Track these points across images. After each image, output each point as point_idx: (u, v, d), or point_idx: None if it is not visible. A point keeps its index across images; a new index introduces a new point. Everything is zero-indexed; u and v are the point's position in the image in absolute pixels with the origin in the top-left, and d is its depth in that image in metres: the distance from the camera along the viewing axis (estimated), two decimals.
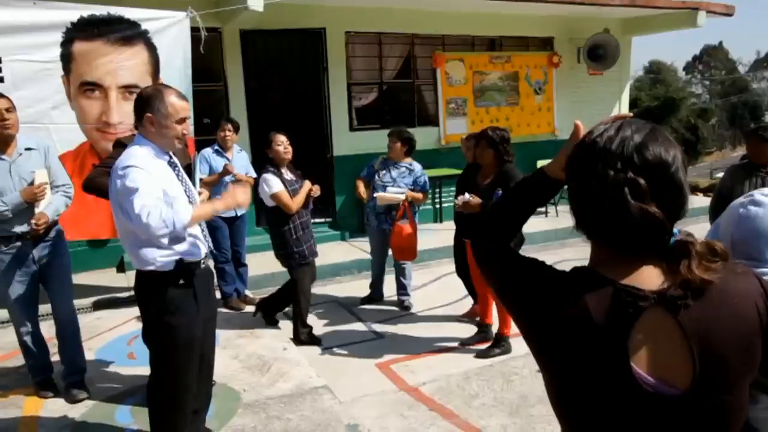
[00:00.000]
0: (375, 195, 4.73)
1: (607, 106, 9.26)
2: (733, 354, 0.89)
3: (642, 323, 0.89)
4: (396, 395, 3.67)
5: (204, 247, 2.60)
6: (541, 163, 1.27)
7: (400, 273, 5.17)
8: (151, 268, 2.43)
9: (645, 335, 0.89)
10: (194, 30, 5.13)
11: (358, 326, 4.85)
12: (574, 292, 0.92)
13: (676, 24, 8.49)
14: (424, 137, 7.44)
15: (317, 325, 4.76)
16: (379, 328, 4.80)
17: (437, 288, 5.82)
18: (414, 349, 4.37)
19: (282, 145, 4.21)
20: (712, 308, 0.89)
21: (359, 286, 5.63)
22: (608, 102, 9.26)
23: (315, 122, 7.28)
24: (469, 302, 5.16)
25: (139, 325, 4.69)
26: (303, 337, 4.41)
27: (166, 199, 2.36)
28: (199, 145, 5.32)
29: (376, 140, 7.34)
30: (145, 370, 3.81)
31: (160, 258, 2.41)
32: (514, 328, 4.29)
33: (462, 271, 4.84)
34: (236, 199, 2.56)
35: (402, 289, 5.22)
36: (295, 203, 4.21)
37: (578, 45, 8.68)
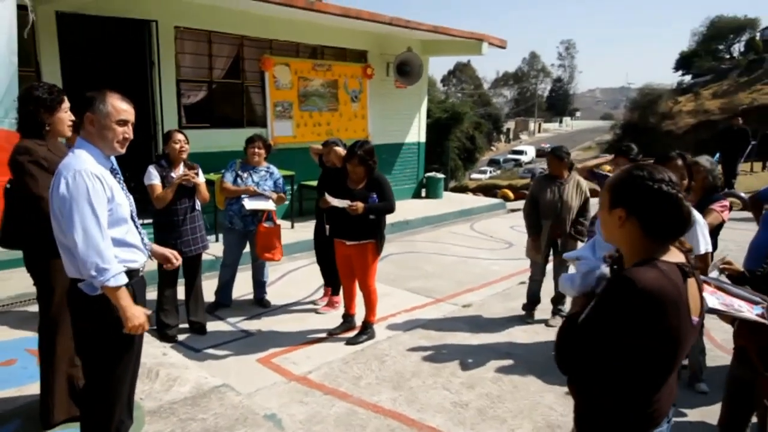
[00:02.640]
0: (244, 202, 4.84)
1: (410, 117, 10.43)
2: None
3: (687, 285, 1.55)
4: (288, 385, 3.93)
5: (144, 255, 2.59)
6: None
7: (258, 272, 5.35)
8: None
9: (690, 292, 1.54)
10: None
11: (224, 326, 4.91)
12: (675, 283, 1.52)
13: (465, 50, 9.98)
14: None
15: (183, 325, 4.70)
16: (245, 326, 4.94)
17: (285, 284, 6.10)
18: (286, 342, 4.63)
19: (179, 143, 4.24)
20: None
21: (208, 287, 5.60)
22: (411, 113, 10.43)
23: (142, 118, 6.89)
24: (318, 295, 5.61)
25: None
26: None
27: (111, 210, 2.35)
28: None
29: (205, 140, 7.29)
30: (4, 393, 3.47)
31: None
32: (377, 315, 4.85)
33: (323, 261, 5.34)
34: (131, 319, 2.39)
35: (260, 287, 5.40)
36: (158, 199, 4.29)
37: (387, 60, 9.63)
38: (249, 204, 4.82)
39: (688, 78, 57.83)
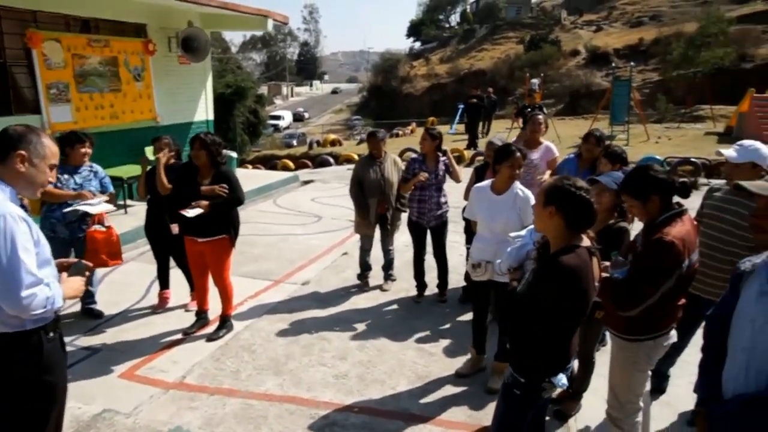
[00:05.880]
0: (86, 208, 4.35)
1: (197, 94, 10.00)
2: None
3: (592, 261, 2.17)
4: (168, 395, 3.84)
5: (61, 295, 2.38)
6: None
7: (88, 281, 4.86)
8: (22, 327, 2.15)
9: (593, 265, 2.18)
10: None
11: None
12: (586, 260, 2.12)
13: (250, 26, 9.88)
14: None
15: None
16: (85, 342, 4.54)
17: (108, 290, 5.62)
18: (142, 351, 4.42)
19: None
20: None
21: None
22: (197, 90, 9.99)
23: None
24: (153, 295, 5.38)
25: None
26: None
27: (38, 253, 2.15)
28: None
29: None
30: None
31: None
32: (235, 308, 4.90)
33: (163, 256, 5.24)
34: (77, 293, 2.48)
35: (90, 297, 4.96)
36: None
37: (168, 34, 9.03)
38: (92, 209, 4.36)
39: (418, 44, 64.55)
